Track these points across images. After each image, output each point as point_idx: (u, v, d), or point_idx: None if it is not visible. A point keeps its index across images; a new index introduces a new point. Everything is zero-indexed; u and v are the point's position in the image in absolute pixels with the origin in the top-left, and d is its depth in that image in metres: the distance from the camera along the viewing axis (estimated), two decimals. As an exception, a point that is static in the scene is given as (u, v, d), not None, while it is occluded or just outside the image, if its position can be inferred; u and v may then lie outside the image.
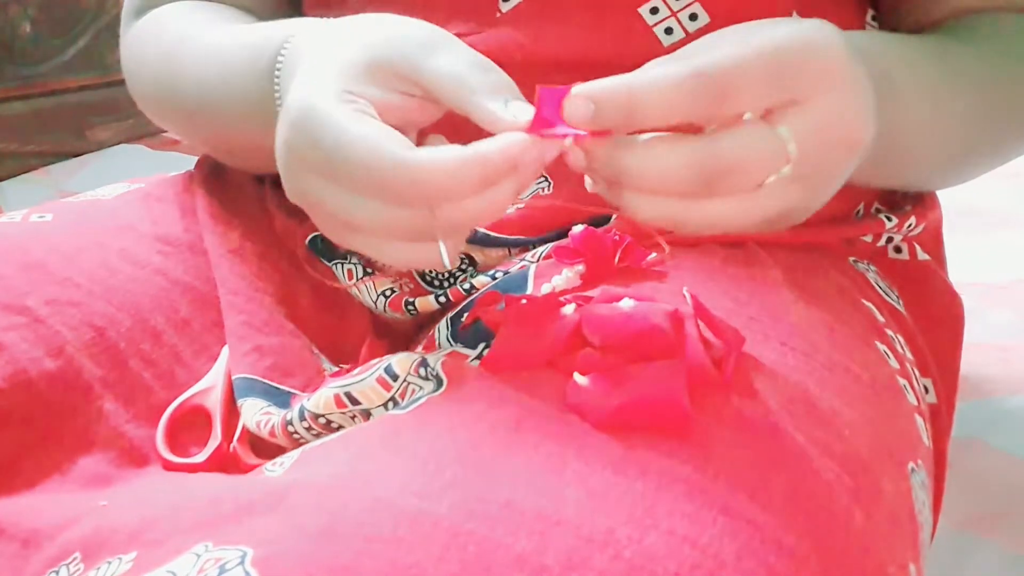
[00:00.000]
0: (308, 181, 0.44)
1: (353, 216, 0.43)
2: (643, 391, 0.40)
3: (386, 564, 0.34)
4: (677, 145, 0.41)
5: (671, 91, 0.40)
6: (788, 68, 0.41)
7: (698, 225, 0.42)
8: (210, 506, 0.40)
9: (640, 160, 0.41)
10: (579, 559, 0.35)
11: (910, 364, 0.57)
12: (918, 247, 0.64)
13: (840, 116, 0.42)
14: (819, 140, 0.42)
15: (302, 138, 0.43)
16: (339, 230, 0.45)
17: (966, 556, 0.76)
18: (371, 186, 0.42)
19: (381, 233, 0.43)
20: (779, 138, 0.41)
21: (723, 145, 0.41)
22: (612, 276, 0.52)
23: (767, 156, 0.41)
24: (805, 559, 0.38)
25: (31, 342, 0.54)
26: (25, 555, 0.45)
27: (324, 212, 0.44)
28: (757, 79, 0.40)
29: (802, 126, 0.41)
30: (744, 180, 0.41)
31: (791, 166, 0.41)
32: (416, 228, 0.42)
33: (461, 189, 0.41)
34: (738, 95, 0.40)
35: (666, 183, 0.41)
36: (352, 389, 0.48)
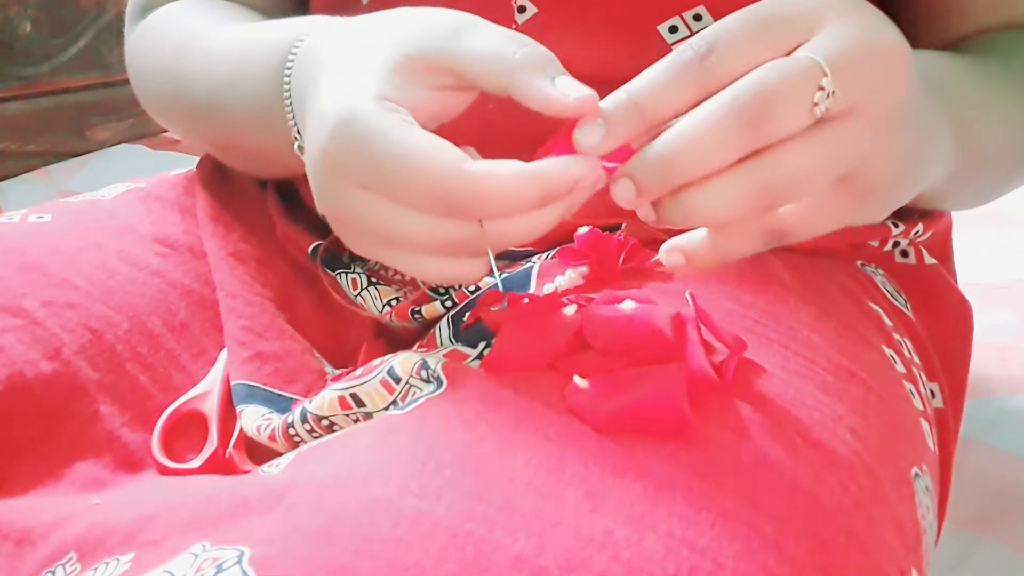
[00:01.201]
0: (347, 193, 0.43)
1: (396, 230, 0.42)
2: (643, 395, 0.40)
3: (384, 564, 0.34)
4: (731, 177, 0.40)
5: (665, 76, 0.39)
6: (777, 15, 0.40)
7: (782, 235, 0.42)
8: (207, 505, 0.40)
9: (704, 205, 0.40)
10: (578, 560, 0.35)
11: (917, 369, 0.57)
12: (925, 252, 0.64)
13: (862, 28, 0.40)
14: (850, 51, 0.40)
15: (346, 147, 0.42)
16: (374, 245, 0.44)
17: (966, 556, 0.76)
18: (426, 197, 0.41)
19: (423, 248, 0.43)
20: (801, 58, 0.39)
21: (750, 80, 0.39)
22: (616, 277, 0.52)
23: (798, 72, 0.39)
24: (805, 563, 0.38)
25: (27, 344, 0.53)
26: (20, 554, 0.45)
27: (361, 226, 0.43)
28: (744, 41, 0.39)
29: (824, 45, 0.39)
30: (791, 109, 0.39)
31: (831, 78, 0.39)
32: (460, 243, 0.42)
33: (518, 206, 0.41)
34: (730, 62, 0.39)
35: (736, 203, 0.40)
36: (357, 390, 0.48)
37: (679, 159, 0.40)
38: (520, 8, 0.58)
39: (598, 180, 0.42)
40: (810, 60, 0.39)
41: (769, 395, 0.44)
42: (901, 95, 0.42)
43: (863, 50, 0.40)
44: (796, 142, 0.40)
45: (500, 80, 0.42)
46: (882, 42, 0.41)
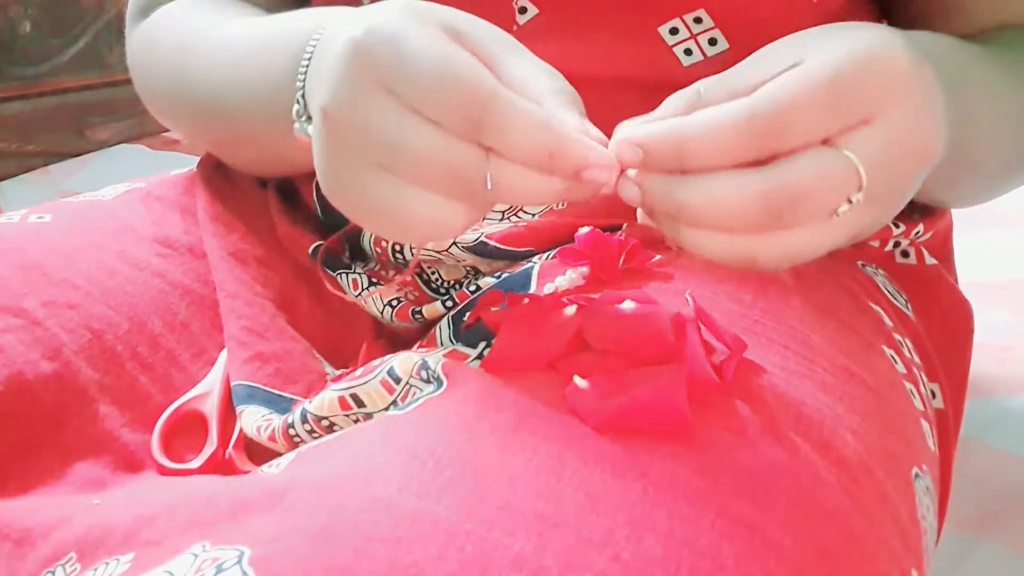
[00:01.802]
0: (363, 91, 0.40)
1: (400, 143, 0.40)
2: (643, 395, 0.40)
3: (384, 564, 0.34)
4: (740, 177, 0.39)
5: (724, 135, 0.39)
6: (849, 93, 0.39)
7: (773, 260, 0.41)
8: (207, 505, 0.40)
9: (701, 195, 0.40)
10: (578, 560, 0.34)
11: (917, 369, 0.57)
12: (925, 252, 0.64)
13: (910, 130, 0.41)
14: (891, 158, 0.40)
15: (382, 41, 0.40)
16: (366, 165, 0.41)
17: (966, 556, 0.76)
18: (452, 104, 0.39)
19: (419, 172, 0.40)
20: (849, 160, 0.39)
21: (790, 174, 0.39)
22: (617, 278, 0.52)
23: (838, 181, 0.39)
24: (805, 564, 0.38)
25: (27, 344, 0.53)
26: (20, 554, 0.45)
27: (363, 135, 0.41)
28: (817, 111, 0.39)
29: (871, 147, 0.40)
30: (816, 209, 0.39)
31: (863, 192, 0.40)
32: (459, 171, 0.40)
33: (529, 149, 0.39)
34: (798, 130, 0.39)
35: (731, 219, 0.39)
36: (358, 391, 0.48)
37: (693, 213, 0.40)
38: (521, 9, 0.58)
39: (609, 180, 0.41)
40: (852, 169, 0.39)
41: (769, 395, 0.44)
42: (916, 185, 0.43)
43: (902, 155, 0.41)
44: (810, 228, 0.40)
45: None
46: (921, 143, 0.41)
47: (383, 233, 0.43)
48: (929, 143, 0.42)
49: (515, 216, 0.58)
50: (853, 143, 0.39)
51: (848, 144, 0.39)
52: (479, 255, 0.59)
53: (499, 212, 0.58)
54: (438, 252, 0.59)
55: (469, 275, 0.61)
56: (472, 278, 0.60)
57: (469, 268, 0.60)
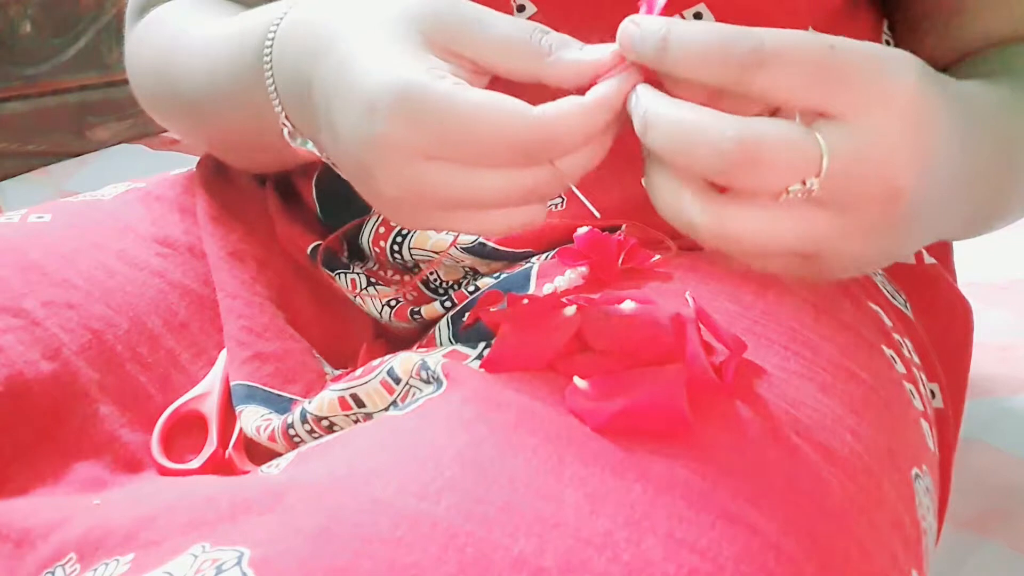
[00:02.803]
0: (412, 168, 0.40)
1: (473, 190, 0.41)
2: (643, 396, 0.40)
3: (384, 565, 0.34)
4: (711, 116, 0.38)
5: (709, 41, 0.38)
6: (840, 67, 0.37)
7: (713, 231, 0.39)
8: (207, 506, 0.40)
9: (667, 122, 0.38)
10: (577, 561, 0.34)
11: (917, 369, 0.57)
12: (924, 252, 0.64)
13: (883, 149, 0.38)
14: (855, 164, 0.37)
15: (408, 121, 0.40)
16: (439, 213, 0.42)
17: (966, 556, 0.76)
18: (502, 151, 0.39)
19: (497, 202, 0.41)
20: (817, 142, 0.37)
21: (758, 127, 0.37)
22: (616, 278, 0.52)
23: (799, 156, 0.37)
24: (805, 564, 0.38)
25: (27, 344, 0.53)
26: (20, 555, 0.45)
27: (429, 199, 0.41)
28: (803, 65, 0.37)
29: (840, 143, 0.37)
30: (768, 176, 0.37)
31: (819, 180, 0.37)
32: (535, 187, 0.41)
33: (590, 136, 0.40)
34: (777, 72, 0.37)
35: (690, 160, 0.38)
36: (358, 391, 0.48)
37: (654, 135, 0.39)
38: (519, 7, 0.58)
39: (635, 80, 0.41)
40: (817, 152, 0.37)
41: (769, 396, 0.44)
42: (884, 223, 0.40)
43: (871, 175, 0.38)
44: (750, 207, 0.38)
45: (530, 64, 0.41)
46: (894, 175, 0.38)
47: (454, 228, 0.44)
48: (900, 176, 0.38)
49: None
50: (824, 130, 0.37)
51: (821, 129, 0.38)
52: (478, 256, 0.59)
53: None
54: (437, 253, 0.59)
55: (468, 276, 0.61)
56: (471, 279, 0.60)
57: (468, 269, 0.60)
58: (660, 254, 0.54)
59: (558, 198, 0.58)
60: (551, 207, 0.58)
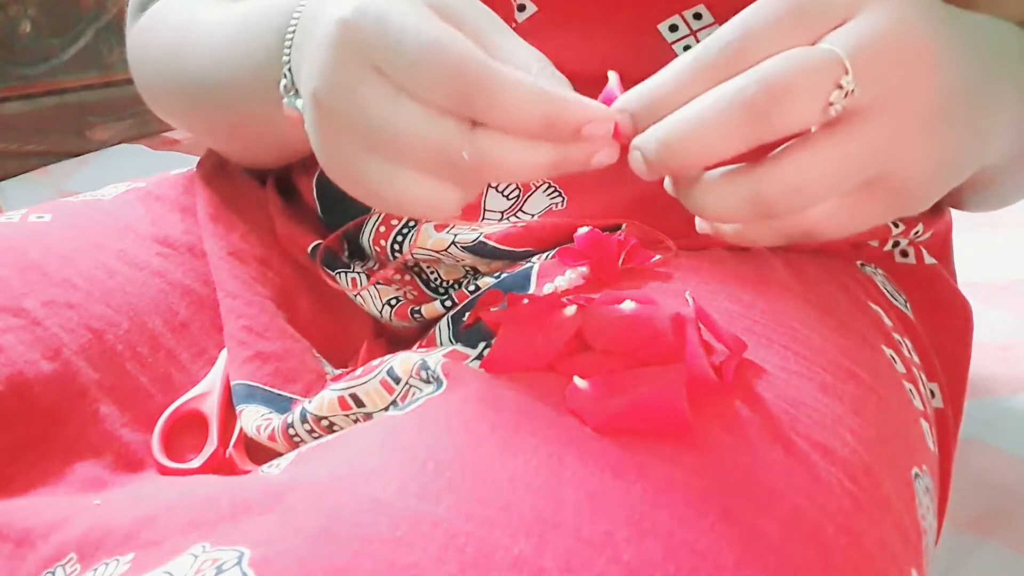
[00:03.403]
0: (351, 76, 0.40)
1: (388, 121, 0.39)
2: (643, 395, 0.40)
3: (384, 565, 0.34)
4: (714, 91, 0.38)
5: (689, 72, 0.38)
6: (813, 3, 0.38)
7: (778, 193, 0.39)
8: (207, 506, 0.40)
9: (679, 123, 0.39)
10: (577, 562, 0.34)
11: (917, 368, 0.57)
12: (925, 252, 0.64)
13: (891, 21, 0.38)
14: (874, 47, 0.38)
15: (370, 20, 0.39)
16: (355, 148, 0.41)
17: (966, 556, 0.76)
18: (439, 79, 0.38)
19: (408, 151, 0.40)
20: (826, 50, 0.37)
21: (763, 70, 0.37)
22: (616, 278, 0.52)
23: (818, 67, 0.37)
24: (805, 564, 0.38)
25: (27, 344, 0.53)
26: (20, 555, 0.45)
27: (351, 117, 0.40)
28: (782, 25, 0.38)
29: (848, 38, 0.38)
30: (804, 102, 0.37)
31: (851, 77, 0.37)
32: (445, 147, 0.39)
33: (522, 118, 0.39)
34: (760, 47, 0.38)
35: (715, 134, 0.38)
36: (357, 391, 0.48)
37: (680, 146, 0.39)
38: (520, 7, 0.58)
39: (607, 133, 0.40)
40: (831, 53, 0.38)
41: (769, 396, 0.44)
42: (931, 93, 0.40)
43: (892, 44, 0.39)
44: (803, 151, 0.38)
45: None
46: (914, 36, 0.39)
47: (385, 211, 0.43)
48: (922, 37, 0.39)
49: (514, 216, 0.58)
50: (830, 38, 0.38)
51: (826, 39, 0.38)
52: (478, 255, 0.59)
53: (498, 212, 0.58)
54: (437, 252, 0.59)
55: (468, 275, 0.61)
56: (471, 278, 0.60)
57: (468, 268, 0.60)
58: (660, 254, 0.54)
59: (557, 196, 0.58)
60: (552, 206, 0.58)
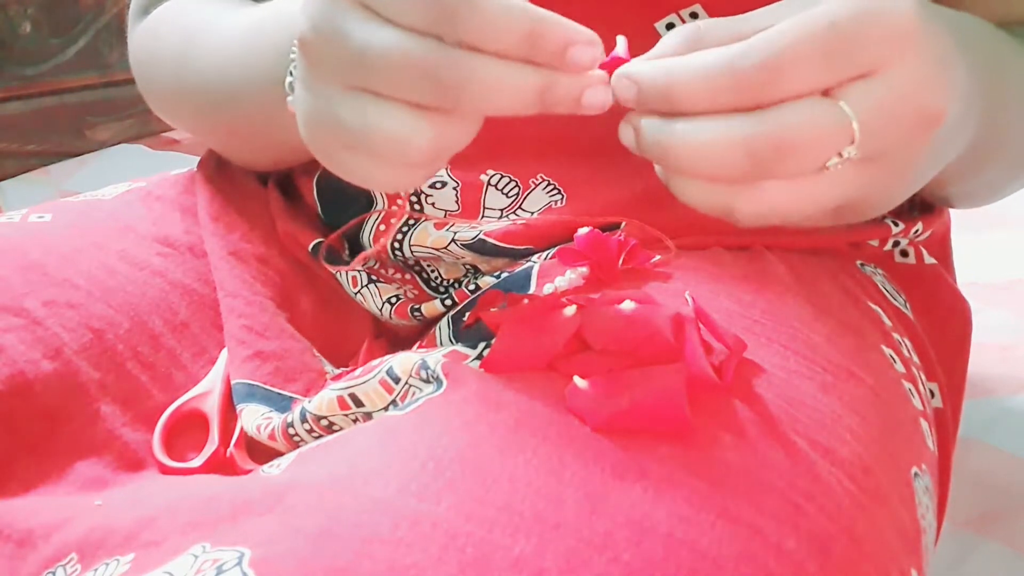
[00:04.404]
0: (334, 10, 0.39)
1: (366, 46, 0.38)
2: (643, 396, 0.40)
3: (384, 565, 0.34)
4: (726, 122, 0.37)
5: (712, 79, 0.37)
6: (847, 43, 0.37)
7: (752, 213, 0.39)
8: (207, 506, 0.40)
9: (683, 138, 0.38)
10: (578, 562, 0.35)
11: (916, 368, 0.57)
12: (924, 251, 0.64)
13: (914, 85, 0.38)
14: (890, 113, 0.38)
15: None
16: (337, 92, 0.40)
17: (966, 556, 0.76)
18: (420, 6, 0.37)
19: (385, 70, 0.38)
20: (842, 111, 0.37)
21: (777, 121, 0.37)
22: (616, 278, 0.52)
23: (829, 131, 0.37)
24: (805, 564, 0.38)
25: (28, 344, 0.53)
26: (21, 555, 0.45)
27: (333, 53, 0.39)
28: (811, 60, 0.37)
29: (868, 100, 0.38)
30: (802, 161, 0.37)
31: (856, 147, 0.38)
32: (426, 65, 0.38)
33: (503, 30, 0.37)
34: (789, 79, 0.37)
35: (713, 165, 0.38)
36: (356, 390, 0.48)
37: (675, 157, 0.38)
38: None
39: (594, 59, 0.39)
40: (844, 120, 0.37)
41: (769, 395, 0.44)
42: (928, 147, 0.40)
43: (908, 110, 0.39)
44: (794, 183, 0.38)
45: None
46: (931, 100, 0.39)
47: (360, 177, 0.42)
48: (936, 103, 0.39)
49: (513, 214, 0.58)
50: (849, 95, 0.38)
51: (843, 96, 0.37)
52: (478, 253, 0.59)
53: (498, 210, 0.59)
54: (437, 250, 0.59)
55: (468, 274, 0.61)
56: (472, 277, 0.60)
57: (468, 266, 0.61)
58: (660, 254, 0.54)
59: (556, 193, 0.58)
60: (551, 203, 0.58)
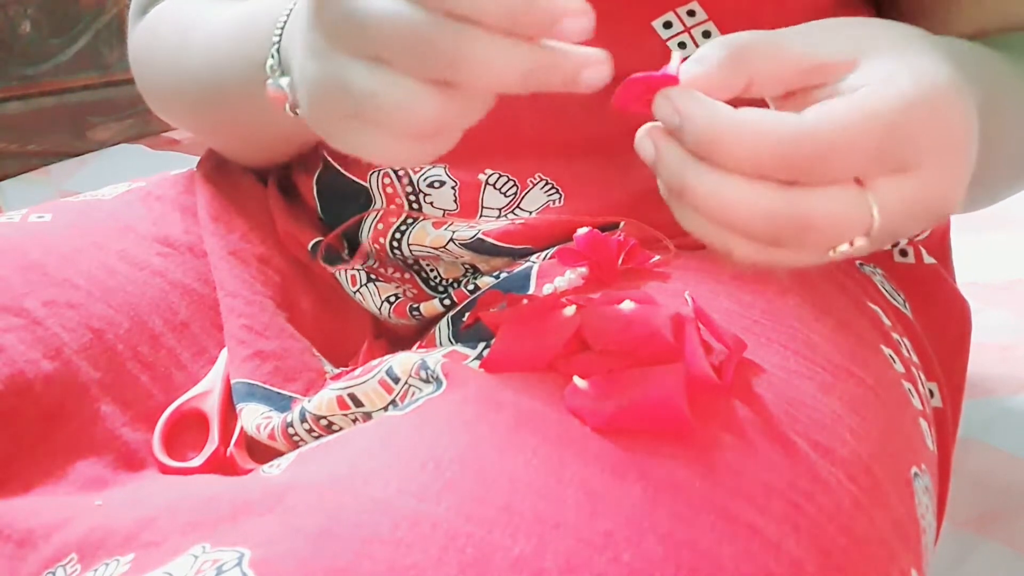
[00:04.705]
0: None
1: (368, 17, 0.38)
2: (643, 395, 0.40)
3: (384, 565, 0.34)
4: (756, 190, 0.37)
5: (761, 150, 0.37)
6: (901, 139, 0.37)
7: (750, 261, 0.39)
8: (207, 506, 0.40)
9: (710, 190, 0.37)
10: (578, 562, 0.35)
11: (915, 368, 0.57)
12: (923, 251, 0.64)
13: (943, 188, 0.39)
14: (911, 211, 0.38)
15: None
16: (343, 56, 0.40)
17: (966, 556, 0.76)
18: None
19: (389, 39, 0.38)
20: (869, 205, 0.37)
21: (808, 203, 0.37)
22: (616, 278, 0.52)
23: (851, 223, 0.38)
24: (805, 564, 0.38)
25: (28, 344, 0.53)
26: (21, 555, 0.45)
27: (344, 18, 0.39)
28: (866, 149, 0.37)
29: (897, 196, 0.38)
30: (816, 242, 0.38)
31: (867, 239, 0.38)
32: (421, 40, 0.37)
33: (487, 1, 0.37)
34: (838, 165, 0.37)
35: (730, 221, 0.38)
36: (355, 390, 0.48)
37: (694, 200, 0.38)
38: None
39: (585, 29, 0.39)
40: (868, 218, 0.38)
41: (768, 395, 0.44)
42: None
43: (925, 208, 0.39)
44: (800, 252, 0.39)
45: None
46: (946, 206, 0.40)
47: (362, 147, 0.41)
48: (952, 203, 0.40)
49: (512, 213, 0.58)
50: (880, 188, 0.38)
51: (875, 188, 0.38)
52: (477, 252, 0.59)
53: (496, 209, 0.59)
54: (436, 249, 0.59)
55: (467, 273, 0.61)
56: (471, 277, 0.60)
57: (467, 266, 0.61)
58: (659, 254, 0.54)
59: (555, 192, 0.58)
60: (549, 203, 0.58)
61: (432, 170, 0.59)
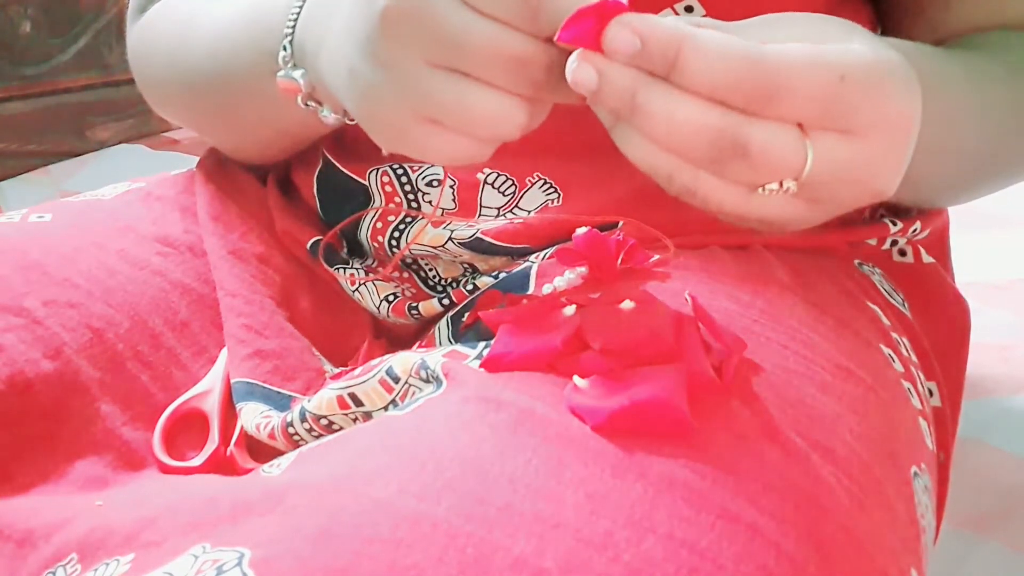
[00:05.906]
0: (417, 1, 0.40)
1: (466, 37, 0.39)
2: (642, 395, 0.40)
3: (384, 566, 0.34)
4: (706, 108, 0.38)
5: (722, 65, 0.38)
6: (848, 97, 0.38)
7: (679, 189, 0.40)
8: (207, 506, 0.40)
9: (661, 107, 0.38)
10: (578, 562, 0.35)
11: (915, 367, 0.57)
12: (923, 250, 0.64)
13: (877, 166, 0.40)
14: (841, 175, 0.40)
15: None
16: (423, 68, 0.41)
17: (966, 556, 0.76)
18: None
19: (485, 60, 0.40)
20: (805, 151, 0.39)
21: (752, 130, 0.38)
22: (615, 278, 0.52)
23: (784, 162, 0.39)
24: (805, 563, 0.38)
25: (29, 343, 0.54)
26: (22, 555, 0.45)
27: (421, 32, 0.40)
28: (813, 95, 0.38)
29: (831, 153, 0.39)
30: (748, 173, 0.39)
31: (797, 184, 0.40)
32: (527, 62, 0.40)
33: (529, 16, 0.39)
34: (787, 102, 0.38)
35: (676, 140, 0.39)
36: (356, 390, 0.48)
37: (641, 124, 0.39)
38: None
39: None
40: (801, 161, 0.39)
41: (768, 395, 0.44)
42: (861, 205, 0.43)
43: (858, 180, 0.41)
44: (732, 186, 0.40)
45: None
46: (880, 184, 0.41)
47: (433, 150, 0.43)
48: (888, 187, 0.42)
49: (510, 213, 0.58)
50: (819, 140, 0.39)
51: (815, 139, 0.39)
52: (475, 251, 0.59)
53: (495, 209, 0.59)
54: (434, 248, 0.59)
55: (466, 273, 0.61)
56: (470, 276, 0.60)
57: (466, 265, 0.61)
58: (658, 254, 0.54)
59: (553, 192, 0.58)
60: (547, 202, 0.58)
61: (431, 169, 0.59)
